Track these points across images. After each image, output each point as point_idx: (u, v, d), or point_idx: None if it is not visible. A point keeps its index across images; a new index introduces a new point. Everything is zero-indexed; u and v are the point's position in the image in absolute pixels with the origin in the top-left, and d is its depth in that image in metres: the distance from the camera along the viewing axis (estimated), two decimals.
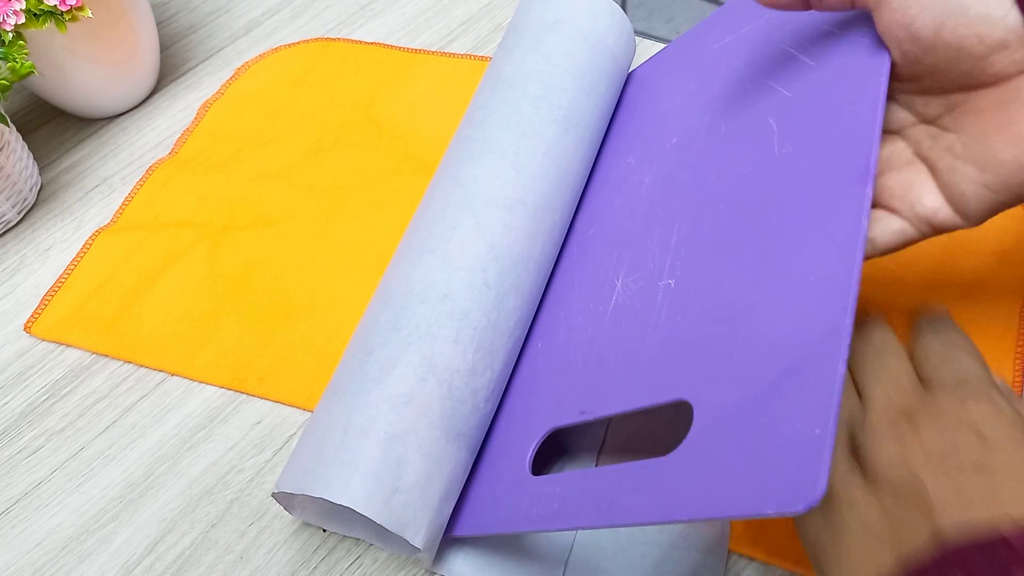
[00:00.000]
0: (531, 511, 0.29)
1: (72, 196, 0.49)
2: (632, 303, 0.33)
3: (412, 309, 0.33)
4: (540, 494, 0.30)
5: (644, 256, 0.34)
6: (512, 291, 0.34)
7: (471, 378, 0.32)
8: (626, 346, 0.31)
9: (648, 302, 0.32)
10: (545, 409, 0.33)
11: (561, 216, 0.38)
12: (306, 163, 0.48)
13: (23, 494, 0.37)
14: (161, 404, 0.39)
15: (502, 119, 0.38)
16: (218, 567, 0.34)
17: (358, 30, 0.56)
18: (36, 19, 0.43)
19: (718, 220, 0.31)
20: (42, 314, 0.43)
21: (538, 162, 0.37)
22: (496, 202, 0.35)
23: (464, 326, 0.33)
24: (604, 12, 0.42)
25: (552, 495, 0.29)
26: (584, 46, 0.40)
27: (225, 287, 0.43)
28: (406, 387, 0.31)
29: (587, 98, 0.40)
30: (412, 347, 0.32)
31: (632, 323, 0.32)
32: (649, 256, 0.34)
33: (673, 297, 0.31)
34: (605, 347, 0.32)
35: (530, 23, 0.41)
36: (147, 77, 0.53)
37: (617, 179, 0.40)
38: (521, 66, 0.40)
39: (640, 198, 0.37)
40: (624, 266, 0.35)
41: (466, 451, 0.32)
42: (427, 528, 0.30)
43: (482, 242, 0.34)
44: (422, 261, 0.34)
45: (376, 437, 0.30)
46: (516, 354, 0.35)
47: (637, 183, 0.38)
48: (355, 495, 0.29)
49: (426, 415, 0.31)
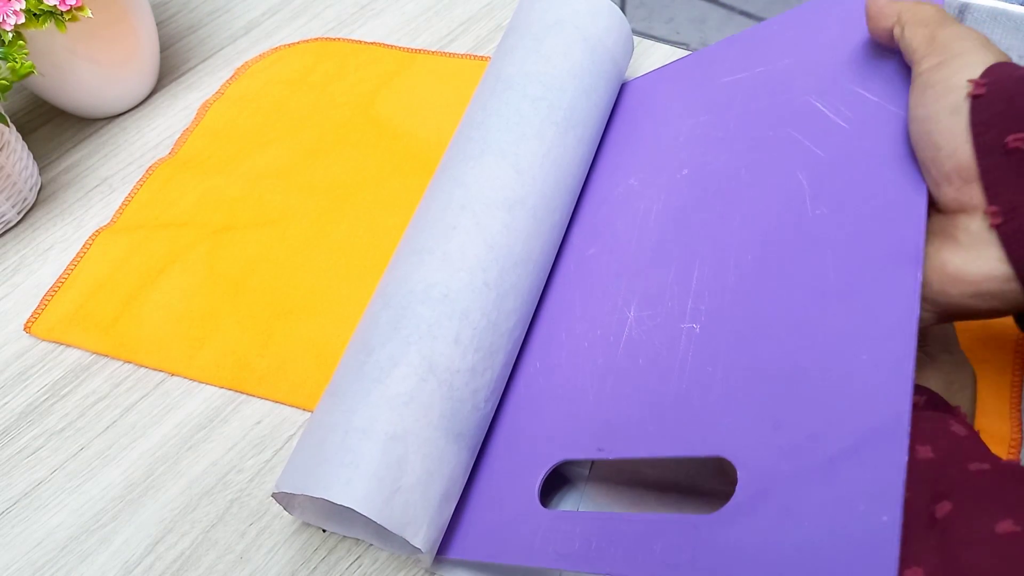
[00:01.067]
0: (547, 547, 0.29)
1: (72, 196, 0.49)
2: (650, 340, 0.32)
3: (412, 309, 0.33)
4: (557, 530, 0.29)
5: (660, 292, 0.34)
6: (512, 291, 0.34)
7: (471, 378, 0.32)
8: (648, 386, 0.31)
9: (669, 343, 0.32)
10: (554, 437, 0.33)
11: (561, 217, 0.38)
12: (306, 163, 0.48)
13: (23, 494, 0.37)
14: (161, 404, 0.39)
15: (502, 119, 0.38)
16: (218, 567, 0.34)
17: (358, 30, 0.56)
18: (36, 19, 0.43)
19: (747, 271, 0.31)
20: (42, 314, 0.43)
21: (538, 163, 0.37)
22: (496, 203, 0.35)
23: (464, 326, 0.33)
24: (604, 13, 0.42)
25: (573, 533, 0.29)
26: (584, 47, 0.40)
27: (225, 287, 0.43)
28: (406, 387, 0.31)
29: (587, 99, 0.40)
30: (413, 347, 0.32)
31: (652, 362, 0.32)
32: (666, 293, 0.33)
33: (699, 344, 0.31)
34: (622, 383, 0.32)
35: (530, 23, 0.41)
36: (147, 77, 0.53)
37: (618, 199, 0.39)
38: (521, 66, 0.40)
39: (649, 227, 0.37)
40: (636, 298, 0.34)
41: (466, 451, 0.32)
42: (427, 528, 0.30)
43: (482, 242, 0.34)
44: (422, 262, 0.34)
45: (376, 437, 0.30)
46: (515, 354, 0.35)
47: (644, 210, 0.37)
48: (356, 495, 0.29)
49: (426, 415, 0.31)
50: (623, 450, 0.30)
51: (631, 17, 0.50)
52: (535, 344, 0.37)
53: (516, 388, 0.36)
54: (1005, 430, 0.34)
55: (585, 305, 0.36)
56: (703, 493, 0.33)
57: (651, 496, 0.34)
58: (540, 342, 0.37)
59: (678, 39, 0.50)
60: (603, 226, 0.39)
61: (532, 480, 0.32)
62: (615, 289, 0.36)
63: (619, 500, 0.34)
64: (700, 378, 0.30)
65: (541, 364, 0.36)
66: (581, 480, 0.35)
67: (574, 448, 0.32)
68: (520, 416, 0.35)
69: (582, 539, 0.29)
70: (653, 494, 0.34)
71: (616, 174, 0.41)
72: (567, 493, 0.35)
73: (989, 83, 0.25)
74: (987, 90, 0.25)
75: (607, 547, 0.28)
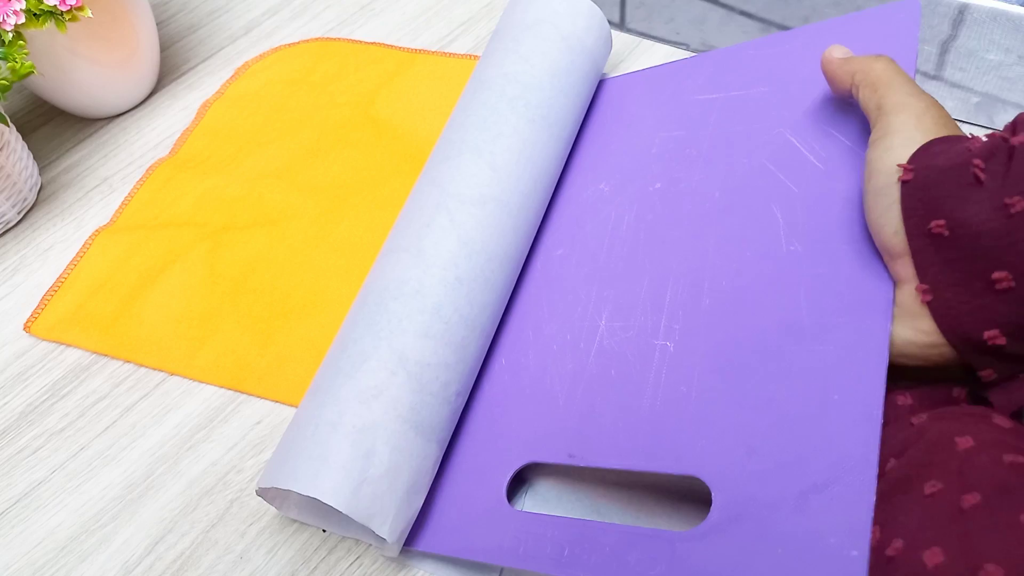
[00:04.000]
0: (518, 547, 0.30)
1: (72, 196, 0.49)
2: (622, 352, 0.33)
3: (385, 306, 0.33)
4: (529, 532, 0.30)
5: (632, 304, 0.35)
6: (485, 286, 0.35)
7: (442, 372, 0.33)
8: (621, 399, 0.32)
9: (642, 358, 0.33)
10: (522, 439, 0.33)
11: (536, 213, 0.38)
12: (306, 163, 0.48)
13: (23, 494, 0.37)
14: (161, 404, 0.39)
15: (479, 119, 0.38)
16: (218, 567, 0.34)
17: (358, 30, 0.56)
18: (36, 19, 0.43)
19: (722, 297, 0.32)
20: (42, 314, 0.43)
21: (514, 160, 0.37)
22: (471, 199, 0.36)
23: (435, 320, 0.33)
24: (584, 13, 0.42)
25: (544, 536, 0.30)
26: (563, 46, 0.41)
27: (225, 287, 0.43)
28: (376, 381, 0.31)
29: (565, 97, 0.40)
30: (383, 342, 0.32)
31: (625, 375, 0.33)
32: (638, 306, 0.34)
33: (673, 362, 0.32)
34: (594, 392, 0.33)
35: (512, 25, 0.42)
36: (147, 77, 0.53)
37: (587, 202, 0.40)
38: (500, 68, 0.40)
39: (620, 236, 0.37)
40: (607, 307, 0.35)
41: (435, 444, 0.32)
42: (394, 520, 0.30)
43: (455, 238, 0.35)
44: (398, 260, 0.35)
45: (344, 430, 0.30)
46: (486, 349, 0.36)
47: (615, 217, 0.38)
48: (322, 487, 0.29)
49: (395, 408, 0.31)
50: (595, 459, 0.31)
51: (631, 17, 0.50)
52: (502, 340, 0.37)
53: (482, 383, 0.36)
54: None
55: (553, 306, 0.37)
56: (664, 491, 0.33)
57: (619, 492, 0.34)
58: (507, 339, 0.37)
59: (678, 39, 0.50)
60: (572, 228, 0.39)
61: (501, 479, 0.32)
62: (585, 294, 0.36)
63: (586, 495, 0.34)
64: (674, 396, 0.31)
65: (507, 361, 0.36)
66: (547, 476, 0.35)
67: (543, 451, 0.32)
68: (488, 412, 0.35)
69: (554, 544, 0.29)
70: (621, 490, 0.34)
71: (586, 176, 0.41)
72: (535, 484, 0.35)
73: (916, 169, 0.27)
74: (914, 176, 0.27)
75: (581, 554, 0.29)
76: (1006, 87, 0.42)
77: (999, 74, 0.42)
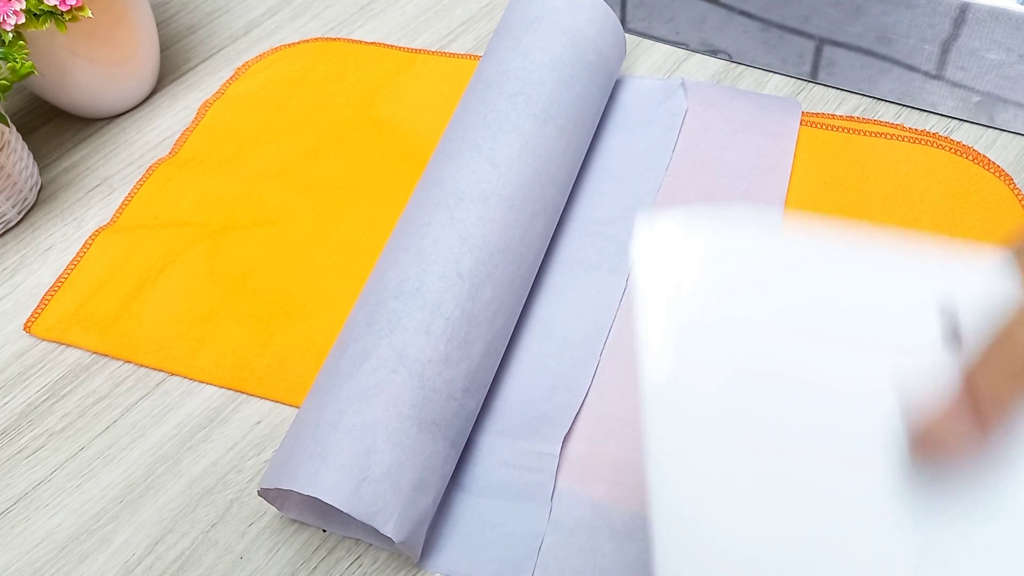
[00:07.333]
0: None
1: (72, 196, 0.49)
2: None
3: (385, 305, 0.33)
4: None
5: None
6: (488, 281, 0.35)
7: (444, 368, 0.32)
8: None
9: None
10: None
11: (543, 206, 0.38)
12: (306, 163, 0.48)
13: (23, 494, 0.37)
14: (161, 404, 0.39)
15: (479, 117, 0.39)
16: (218, 567, 0.34)
17: (358, 30, 0.56)
18: (36, 19, 0.43)
19: None
20: (42, 314, 0.43)
21: (514, 155, 0.37)
22: (470, 196, 0.36)
23: (436, 317, 0.33)
24: (585, 6, 0.42)
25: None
26: (563, 40, 0.41)
27: (225, 287, 0.43)
28: (376, 379, 0.31)
29: (567, 90, 0.40)
30: (383, 340, 0.32)
31: None
32: None
33: None
34: None
35: (511, 24, 0.42)
36: (147, 77, 0.53)
37: None
38: (500, 65, 0.40)
39: None
40: None
41: (444, 441, 0.32)
42: (399, 518, 0.30)
43: (455, 235, 0.35)
44: (397, 259, 0.35)
45: (344, 429, 0.30)
46: (499, 344, 0.35)
47: None
48: (322, 485, 0.29)
49: (396, 405, 0.31)
50: None
51: (631, 17, 0.50)
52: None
53: None
54: None
55: None
56: None
57: None
58: None
59: (678, 39, 0.50)
60: None
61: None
62: None
63: None
64: None
65: None
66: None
67: None
68: None
69: None
70: None
71: None
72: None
73: None
74: None
75: None
76: (1007, 86, 0.42)
77: (1000, 73, 0.42)
